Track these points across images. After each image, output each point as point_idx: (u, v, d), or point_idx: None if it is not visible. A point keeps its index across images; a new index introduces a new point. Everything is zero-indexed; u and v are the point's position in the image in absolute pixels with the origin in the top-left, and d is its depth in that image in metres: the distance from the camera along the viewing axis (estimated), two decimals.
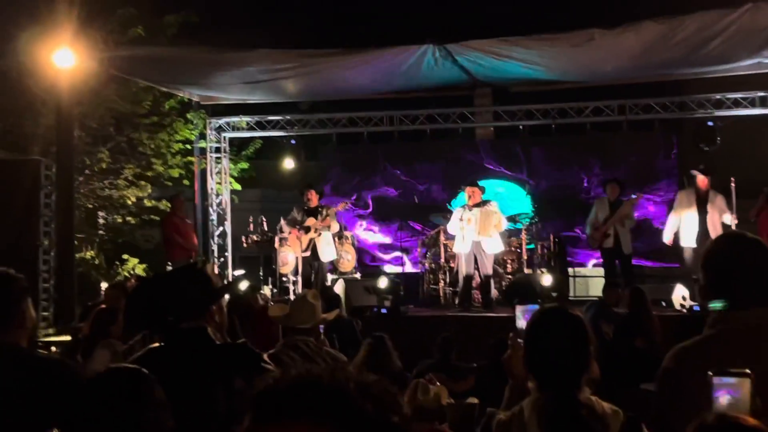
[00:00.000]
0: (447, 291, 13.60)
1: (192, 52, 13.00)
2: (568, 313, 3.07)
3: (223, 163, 16.47)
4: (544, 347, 2.97)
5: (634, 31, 11.55)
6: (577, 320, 3.02)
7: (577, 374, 2.92)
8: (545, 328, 3.01)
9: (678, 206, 12.64)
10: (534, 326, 3.04)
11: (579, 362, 2.94)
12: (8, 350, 3.16)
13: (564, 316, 3.05)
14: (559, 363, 2.92)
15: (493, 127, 16.59)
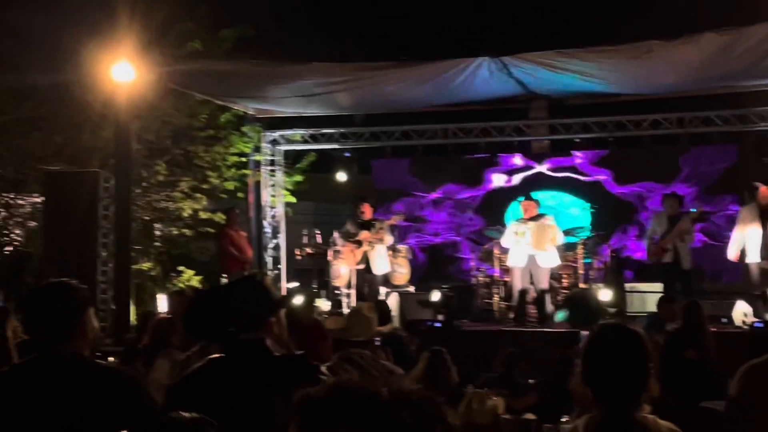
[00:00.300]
0: (501, 305, 13.49)
1: (248, 66, 13.10)
2: (626, 329, 3.01)
3: (278, 175, 16.55)
4: (600, 362, 2.92)
5: (694, 43, 11.38)
6: (636, 336, 2.95)
7: (634, 391, 2.86)
8: (603, 344, 2.96)
9: (741, 222, 12.39)
10: (592, 341, 3.00)
11: (636, 379, 2.87)
12: (71, 360, 3.19)
13: (622, 331, 2.99)
14: (615, 379, 2.86)
15: (548, 140, 16.43)
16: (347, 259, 13.22)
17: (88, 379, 3.13)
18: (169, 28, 14.23)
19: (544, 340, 11.06)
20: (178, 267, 16.09)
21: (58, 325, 3.24)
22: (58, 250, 11.47)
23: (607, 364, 2.89)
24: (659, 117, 14.99)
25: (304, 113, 15.83)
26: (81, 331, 3.28)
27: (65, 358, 3.19)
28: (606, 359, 2.90)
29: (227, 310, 2.95)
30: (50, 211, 12.06)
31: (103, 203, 11.79)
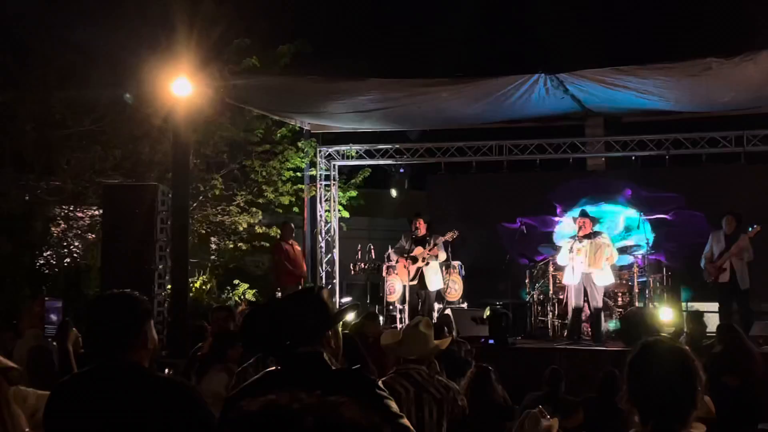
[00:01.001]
0: (555, 323, 13.39)
1: (304, 82, 13.22)
2: (672, 346, 2.96)
3: (333, 190, 16.66)
4: (645, 380, 2.88)
5: (752, 61, 11.23)
6: (682, 353, 2.91)
7: (681, 410, 2.82)
8: (648, 361, 2.91)
9: None
10: (636, 359, 2.94)
11: (681, 397, 2.82)
12: (131, 370, 3.24)
13: (668, 349, 2.94)
14: (660, 397, 2.82)
15: (604, 158, 16.31)
16: (401, 275, 13.24)
17: (147, 389, 3.18)
18: (226, 44, 14.43)
19: (599, 359, 10.96)
20: (234, 281, 16.25)
21: (119, 335, 3.29)
22: (116, 262, 11.64)
23: (651, 382, 2.85)
24: (717, 135, 14.81)
25: (359, 129, 15.93)
26: (142, 342, 3.32)
27: (125, 368, 3.24)
28: (649, 377, 2.87)
29: (285, 323, 2.98)
30: (108, 224, 12.25)
31: (160, 216, 11.94)
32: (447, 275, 14.26)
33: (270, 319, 3.03)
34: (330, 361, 2.98)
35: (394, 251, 13.41)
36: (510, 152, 15.91)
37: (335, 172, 16.75)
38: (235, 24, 14.90)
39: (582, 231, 12.40)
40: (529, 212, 15.76)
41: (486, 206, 16.44)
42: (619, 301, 13.60)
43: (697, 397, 2.85)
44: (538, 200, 16.24)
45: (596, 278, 12.18)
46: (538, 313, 13.87)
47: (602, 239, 12.34)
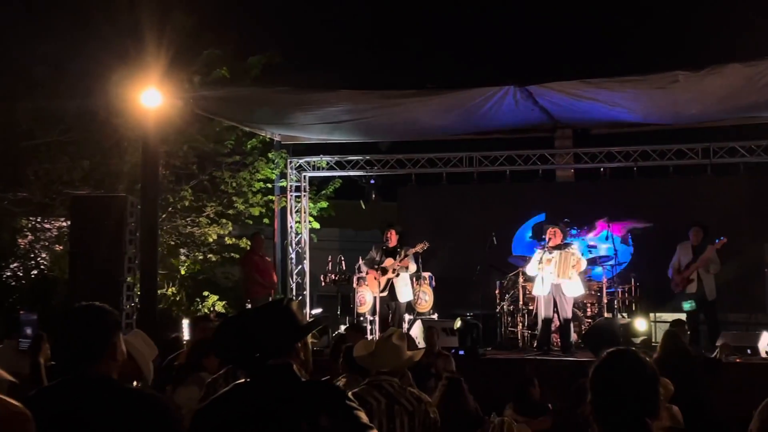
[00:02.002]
0: (525, 333, 13.44)
1: (274, 93, 13.20)
2: (634, 357, 2.98)
3: (303, 202, 16.63)
4: (606, 390, 2.90)
5: (719, 74, 11.36)
6: (644, 364, 2.94)
7: (641, 420, 2.84)
8: (608, 371, 2.93)
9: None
10: (598, 369, 2.97)
11: (642, 408, 2.85)
12: (100, 382, 3.22)
13: (628, 358, 2.97)
14: (621, 407, 2.84)
15: (573, 169, 16.42)
16: (371, 286, 13.24)
17: (116, 402, 3.16)
18: (196, 54, 14.40)
19: (567, 369, 11.01)
20: (203, 292, 16.17)
21: (88, 347, 3.27)
22: (84, 274, 11.55)
23: (613, 392, 2.88)
24: (684, 147, 14.97)
25: (330, 140, 15.93)
26: (110, 354, 3.31)
27: (94, 381, 3.22)
28: (611, 388, 2.89)
29: (254, 335, 2.98)
30: (76, 235, 12.16)
31: (129, 228, 11.87)
32: (417, 286, 14.28)
33: (239, 331, 3.02)
34: (300, 373, 2.98)
35: (365, 262, 13.40)
36: (480, 164, 15.97)
37: (306, 183, 16.72)
38: (206, 35, 14.90)
39: (552, 241, 12.46)
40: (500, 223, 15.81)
41: (456, 217, 16.49)
42: (588, 312, 13.67)
43: (659, 407, 2.87)
44: (508, 211, 16.33)
45: (566, 289, 12.24)
46: (508, 323, 13.91)
47: (572, 250, 12.41)
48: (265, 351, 2.94)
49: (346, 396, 2.98)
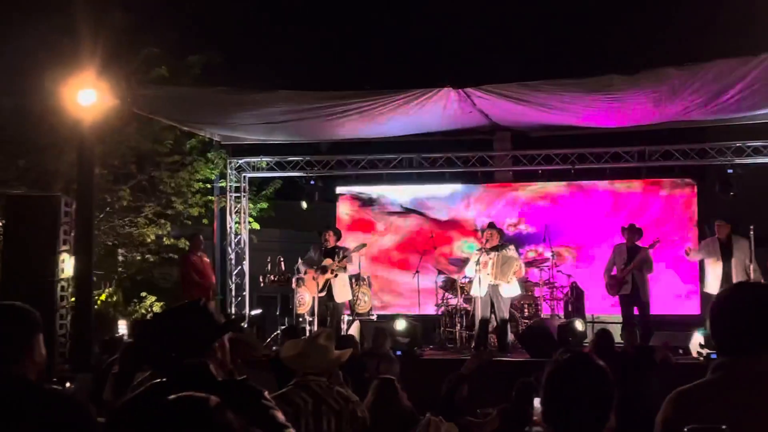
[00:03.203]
0: (463, 334, 13.54)
1: (214, 93, 13.12)
2: (590, 362, 2.94)
3: (243, 202, 16.55)
4: (562, 397, 2.87)
5: (653, 77, 11.57)
6: (600, 369, 2.89)
7: (595, 426, 2.82)
8: (564, 378, 2.90)
9: (701, 249, 12.72)
10: (553, 375, 2.92)
11: (598, 414, 2.82)
12: (17, 382, 3.18)
13: (586, 364, 2.93)
14: (577, 414, 2.81)
15: (512, 171, 16.57)
16: (310, 287, 13.21)
17: (32, 403, 3.13)
18: (135, 53, 14.25)
19: (504, 369, 11.11)
20: (141, 293, 16.01)
21: (6, 347, 3.24)
22: (17, 274, 11.33)
23: (568, 397, 2.85)
24: (620, 150, 15.21)
25: (270, 140, 15.86)
26: (29, 355, 3.27)
27: (11, 382, 3.19)
28: (567, 393, 2.86)
29: (170, 335, 2.97)
30: (10, 235, 11.91)
31: (63, 228, 11.68)
32: (356, 287, 14.32)
33: (155, 332, 3.02)
34: (216, 373, 2.98)
35: (303, 263, 13.37)
36: (420, 165, 16.05)
37: (245, 184, 16.65)
38: (145, 34, 14.74)
39: (489, 243, 12.57)
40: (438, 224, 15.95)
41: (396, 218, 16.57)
42: (525, 312, 13.83)
43: (611, 412, 2.86)
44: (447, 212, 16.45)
45: (503, 290, 12.37)
46: (447, 324, 13.99)
47: (509, 251, 12.54)
48: (180, 351, 2.94)
49: (263, 395, 2.99)
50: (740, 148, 14.75)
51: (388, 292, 16.33)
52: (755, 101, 12.32)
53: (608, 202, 15.88)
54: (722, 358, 2.80)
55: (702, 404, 2.69)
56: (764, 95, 12.02)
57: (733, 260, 12.21)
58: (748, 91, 11.68)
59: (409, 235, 16.58)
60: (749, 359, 2.71)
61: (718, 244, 12.47)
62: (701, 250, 12.88)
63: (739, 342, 2.75)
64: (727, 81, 11.43)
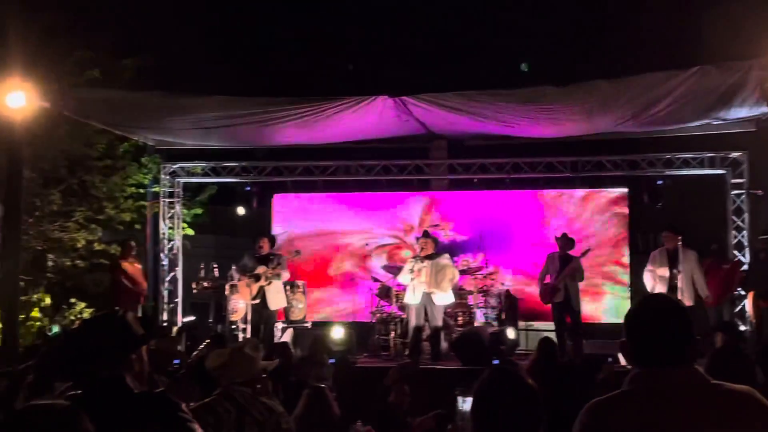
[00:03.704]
0: (397, 342, 13.54)
1: (147, 97, 12.95)
2: (519, 381, 2.97)
3: (176, 208, 16.37)
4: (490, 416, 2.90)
5: (584, 90, 11.75)
6: (528, 389, 2.94)
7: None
8: (492, 397, 2.93)
9: (651, 263, 12.90)
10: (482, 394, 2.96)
11: (526, 425, 2.87)
12: None
13: (514, 384, 2.96)
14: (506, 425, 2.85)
15: (447, 180, 16.66)
16: (243, 294, 13.10)
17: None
18: (67, 55, 14.01)
19: (437, 377, 11.16)
20: (71, 299, 15.70)
21: None
22: None
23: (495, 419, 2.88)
24: (554, 160, 15.39)
25: (204, 146, 15.70)
26: None
27: None
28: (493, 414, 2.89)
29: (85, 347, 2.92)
30: None
31: None
32: (291, 294, 14.25)
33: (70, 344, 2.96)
34: (133, 385, 2.93)
35: (237, 270, 13.26)
36: (356, 172, 16.06)
37: (179, 189, 16.47)
38: (78, 36, 14.49)
39: (424, 251, 12.61)
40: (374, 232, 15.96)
41: (331, 225, 16.55)
42: (459, 321, 13.88)
43: (540, 424, 2.89)
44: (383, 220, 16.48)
45: (436, 298, 12.41)
46: (381, 331, 13.99)
47: (444, 260, 12.59)
48: (95, 363, 2.88)
49: (180, 408, 2.94)
50: (670, 159, 15.06)
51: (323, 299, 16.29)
52: (684, 114, 12.58)
53: (542, 211, 16.05)
54: (638, 369, 2.84)
55: (617, 415, 2.72)
56: (692, 108, 12.28)
57: (678, 271, 12.40)
58: (676, 105, 11.92)
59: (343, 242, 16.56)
60: (663, 371, 2.76)
61: (666, 255, 12.68)
62: (650, 262, 13.04)
63: (653, 354, 2.79)
64: (657, 94, 11.66)
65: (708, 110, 12.45)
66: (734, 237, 14.80)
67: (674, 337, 2.80)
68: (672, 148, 15.08)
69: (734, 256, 14.53)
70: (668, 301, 2.95)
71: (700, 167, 15.03)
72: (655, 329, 2.82)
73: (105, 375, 2.90)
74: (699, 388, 2.74)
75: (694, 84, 11.18)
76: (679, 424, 2.66)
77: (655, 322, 2.83)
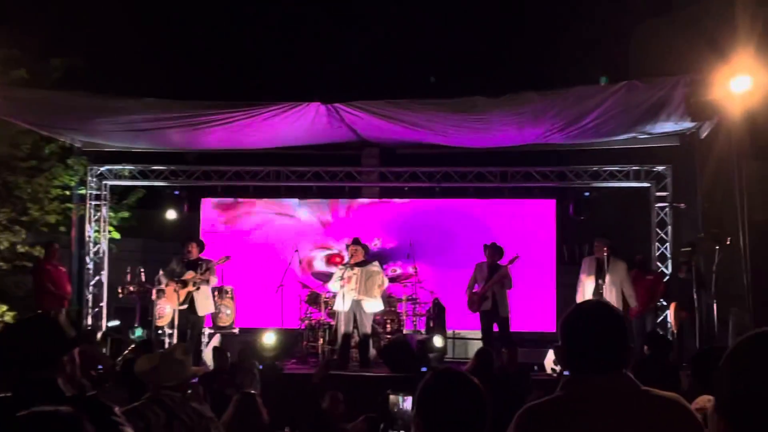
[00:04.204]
0: (326, 348, 13.53)
1: (75, 98, 12.75)
2: (465, 379, 2.97)
3: (103, 211, 16.12)
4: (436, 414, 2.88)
5: (515, 101, 11.93)
6: (475, 386, 2.94)
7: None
8: (444, 394, 2.91)
9: (581, 272, 13.10)
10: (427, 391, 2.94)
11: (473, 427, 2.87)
12: None
13: (462, 380, 2.96)
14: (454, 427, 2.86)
15: (378, 187, 16.70)
16: (171, 299, 12.94)
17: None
18: None
19: (365, 384, 11.18)
20: None
21: None
22: None
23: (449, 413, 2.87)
24: (483, 170, 15.55)
25: (133, 148, 15.49)
26: None
27: None
28: (447, 408, 2.88)
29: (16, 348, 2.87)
30: None
31: None
32: (219, 300, 14.15)
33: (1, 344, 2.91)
34: (65, 388, 2.89)
35: (164, 274, 13.08)
36: (287, 178, 16.00)
37: (106, 192, 16.21)
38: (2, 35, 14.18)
39: (354, 258, 12.63)
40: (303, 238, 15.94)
41: (261, 231, 16.47)
42: (387, 328, 13.93)
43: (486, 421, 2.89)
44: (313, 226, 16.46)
45: (366, 305, 12.44)
46: (309, 338, 13.96)
47: (373, 267, 12.62)
48: (26, 364, 2.83)
49: (113, 411, 2.91)
50: (597, 172, 15.33)
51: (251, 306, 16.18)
52: (611, 127, 12.85)
53: (471, 220, 16.19)
54: (572, 374, 2.89)
55: (549, 420, 2.77)
56: (620, 122, 12.55)
57: (607, 280, 12.62)
58: (604, 118, 12.17)
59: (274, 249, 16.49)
60: (597, 377, 2.81)
61: (595, 263, 12.91)
62: (582, 271, 13.24)
63: (587, 360, 2.84)
64: (586, 107, 11.89)
65: (635, 124, 12.73)
66: (658, 249, 15.12)
67: (608, 343, 2.86)
68: (599, 160, 15.36)
69: (658, 267, 14.85)
70: (604, 307, 3.00)
71: (626, 180, 15.33)
72: (590, 335, 2.87)
73: (36, 377, 2.85)
74: (630, 394, 2.80)
75: (622, 98, 11.44)
76: (610, 429, 2.71)
77: (590, 328, 2.88)
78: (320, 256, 16.36)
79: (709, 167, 13.18)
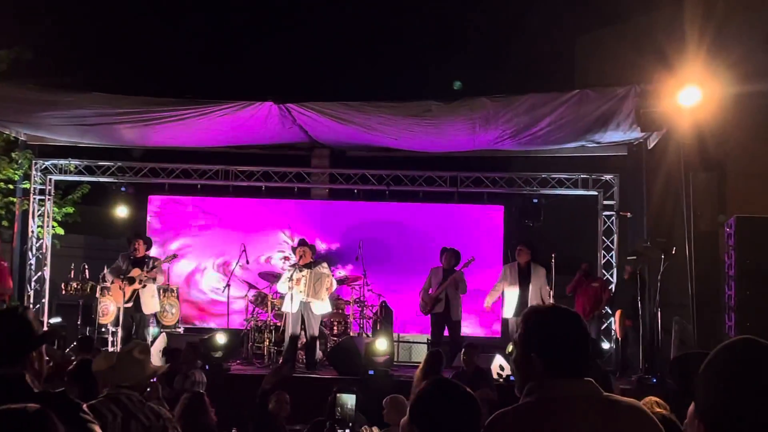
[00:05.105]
0: (272, 349, 13.45)
1: (20, 91, 12.53)
2: (462, 388, 3.02)
3: (47, 206, 15.85)
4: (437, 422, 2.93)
5: (468, 106, 12.00)
6: (471, 395, 2.99)
7: None
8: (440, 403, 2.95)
9: (502, 278, 13.14)
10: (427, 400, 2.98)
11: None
12: None
13: (458, 390, 3.01)
14: None
15: (328, 189, 16.67)
16: (116, 297, 12.75)
17: None
18: None
19: (311, 386, 11.15)
20: None
21: None
22: None
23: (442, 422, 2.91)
24: (434, 174, 15.62)
25: (80, 143, 15.26)
26: None
27: None
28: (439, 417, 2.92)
29: None
30: None
31: None
32: (164, 299, 14.00)
33: None
34: (32, 383, 2.84)
35: (110, 272, 12.89)
36: (236, 177, 15.90)
37: (51, 187, 15.95)
38: None
39: (302, 260, 12.57)
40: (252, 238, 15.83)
41: (208, 230, 16.34)
42: (334, 330, 13.90)
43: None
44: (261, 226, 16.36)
45: (314, 307, 12.39)
46: (255, 339, 13.86)
47: (322, 269, 12.57)
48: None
49: (81, 408, 2.86)
50: (545, 179, 15.49)
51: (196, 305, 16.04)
52: (561, 135, 12.99)
53: (421, 224, 16.22)
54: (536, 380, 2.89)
55: (520, 426, 2.78)
56: (570, 130, 12.70)
57: (530, 286, 12.71)
58: (555, 125, 12.30)
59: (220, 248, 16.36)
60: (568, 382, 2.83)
61: (517, 270, 12.96)
62: (501, 278, 13.29)
63: (561, 365, 2.86)
64: (537, 114, 12.00)
65: (585, 132, 12.89)
66: (603, 257, 15.32)
67: (583, 349, 2.89)
68: (548, 168, 15.53)
69: (603, 275, 15.03)
70: (575, 314, 3.02)
71: (574, 188, 15.51)
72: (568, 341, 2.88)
73: (3, 373, 2.79)
74: (597, 400, 2.83)
75: (574, 106, 11.57)
76: None
77: (567, 333, 2.89)
78: (267, 257, 16.25)
79: (657, 177, 13.39)
